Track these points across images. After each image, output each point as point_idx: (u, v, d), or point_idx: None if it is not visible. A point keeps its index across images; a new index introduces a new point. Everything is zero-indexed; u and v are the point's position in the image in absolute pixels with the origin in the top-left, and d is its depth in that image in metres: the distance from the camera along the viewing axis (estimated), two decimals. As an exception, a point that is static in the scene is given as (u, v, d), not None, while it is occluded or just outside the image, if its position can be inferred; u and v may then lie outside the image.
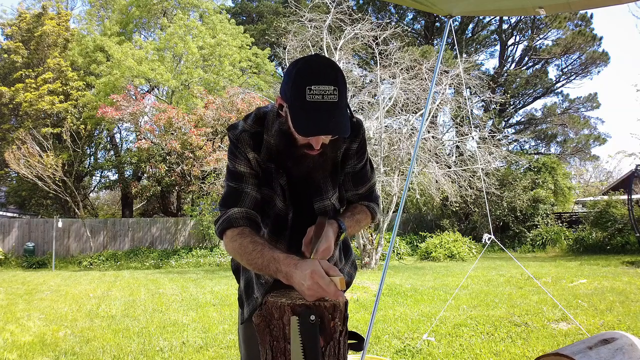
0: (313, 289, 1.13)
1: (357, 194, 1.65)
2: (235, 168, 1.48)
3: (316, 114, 1.27)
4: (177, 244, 16.54)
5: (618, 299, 5.95)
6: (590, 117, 23.86)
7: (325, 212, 1.55)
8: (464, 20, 22.71)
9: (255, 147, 1.47)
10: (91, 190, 24.44)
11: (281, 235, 1.54)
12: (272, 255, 1.26)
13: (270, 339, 1.18)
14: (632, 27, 50.85)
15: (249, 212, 1.43)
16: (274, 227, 1.53)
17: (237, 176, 1.48)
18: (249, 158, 1.47)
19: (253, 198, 1.46)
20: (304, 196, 1.53)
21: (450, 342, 4.14)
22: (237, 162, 1.48)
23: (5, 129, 19.16)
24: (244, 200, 1.45)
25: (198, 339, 4.53)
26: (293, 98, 1.30)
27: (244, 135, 1.47)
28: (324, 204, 1.54)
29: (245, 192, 1.46)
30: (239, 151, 1.47)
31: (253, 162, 1.48)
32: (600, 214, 14.80)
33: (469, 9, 3.28)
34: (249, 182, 1.47)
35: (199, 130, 15.85)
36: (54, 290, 8.53)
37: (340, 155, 1.56)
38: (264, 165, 1.49)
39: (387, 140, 12.34)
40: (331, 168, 1.53)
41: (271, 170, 1.49)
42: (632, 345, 1.76)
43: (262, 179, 1.49)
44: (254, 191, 1.47)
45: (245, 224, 1.40)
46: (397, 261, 14.36)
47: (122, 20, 21.39)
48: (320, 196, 1.54)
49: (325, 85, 1.27)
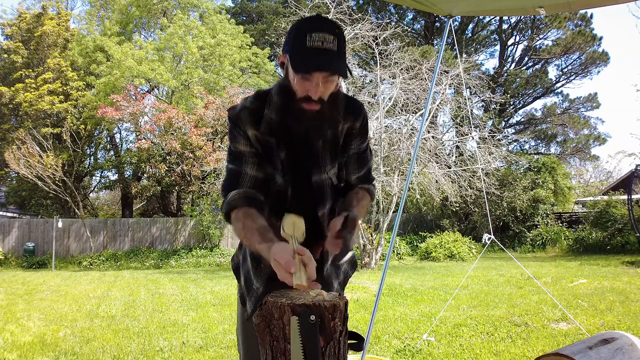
0: (276, 266, 1.19)
1: (359, 176, 1.67)
2: (235, 148, 1.50)
3: (315, 56, 1.32)
4: (177, 244, 16.54)
5: (618, 299, 5.95)
6: (590, 117, 23.88)
7: (323, 186, 1.55)
8: (464, 20, 22.71)
9: (255, 123, 1.49)
10: (91, 190, 24.44)
11: (281, 211, 1.51)
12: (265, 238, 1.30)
13: (270, 339, 1.18)
14: (632, 27, 50.85)
15: (247, 192, 1.45)
16: (274, 203, 1.52)
17: (237, 156, 1.50)
18: (248, 135, 1.49)
19: (252, 177, 1.48)
20: (302, 169, 1.53)
21: (450, 342, 4.14)
22: (237, 141, 1.50)
23: (5, 129, 19.16)
24: (242, 182, 1.47)
25: (198, 339, 4.53)
26: (294, 45, 1.35)
27: (243, 112, 1.50)
28: (322, 178, 1.55)
29: (244, 172, 1.48)
30: (238, 130, 1.49)
31: (253, 139, 1.49)
32: (600, 214, 14.80)
33: (469, 9, 3.29)
34: (249, 162, 1.49)
35: (199, 130, 15.86)
36: (54, 290, 8.53)
37: (343, 134, 1.57)
38: (263, 141, 1.50)
39: (387, 140, 12.34)
40: (330, 136, 1.54)
41: (271, 145, 1.50)
42: (632, 345, 1.76)
43: (262, 156, 1.50)
44: (253, 170, 1.48)
45: (244, 204, 1.42)
46: (397, 261, 14.36)
47: (122, 20, 21.39)
48: (319, 169, 1.54)
49: (326, 33, 1.32)
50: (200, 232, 16.18)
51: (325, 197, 1.57)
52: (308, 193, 1.53)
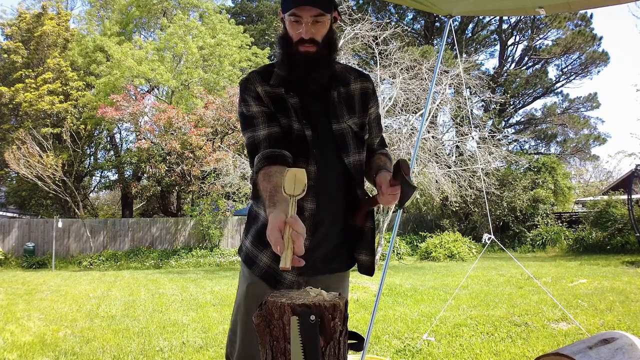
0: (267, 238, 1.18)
1: (379, 141, 1.78)
2: (248, 112, 1.55)
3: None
4: (177, 244, 16.54)
5: (618, 299, 5.95)
6: (590, 117, 23.89)
7: (344, 135, 1.59)
8: (464, 20, 22.71)
9: (265, 79, 1.57)
10: (91, 191, 24.44)
11: (307, 156, 1.54)
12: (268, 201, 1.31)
13: (270, 339, 1.18)
14: (632, 27, 50.87)
15: (265, 152, 1.48)
16: (298, 149, 1.54)
17: (249, 121, 1.54)
18: (258, 93, 1.55)
19: (267, 136, 1.51)
20: (319, 117, 1.58)
21: (450, 342, 4.14)
22: (248, 104, 1.55)
23: (5, 129, 19.16)
24: (259, 146, 1.51)
25: (198, 339, 4.53)
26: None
27: (252, 74, 1.59)
28: (341, 127, 1.59)
29: (258, 135, 1.52)
30: (248, 92, 1.56)
31: (263, 96, 1.55)
32: (600, 214, 14.80)
33: (469, 9, 3.29)
34: (261, 122, 1.53)
35: (199, 130, 15.85)
36: (54, 290, 8.53)
37: (358, 93, 1.66)
38: (273, 94, 1.56)
39: (387, 141, 12.31)
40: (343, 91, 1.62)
41: (281, 95, 1.55)
42: (632, 345, 1.76)
43: (275, 111, 1.54)
44: (267, 128, 1.52)
45: (264, 164, 1.44)
46: (397, 261, 14.36)
47: (122, 21, 21.39)
48: (337, 118, 1.59)
49: None
50: (200, 232, 16.18)
51: (349, 146, 1.59)
52: (330, 140, 1.57)
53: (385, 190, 1.49)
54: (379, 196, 1.52)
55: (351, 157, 1.59)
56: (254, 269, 1.59)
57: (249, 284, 1.61)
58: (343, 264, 1.66)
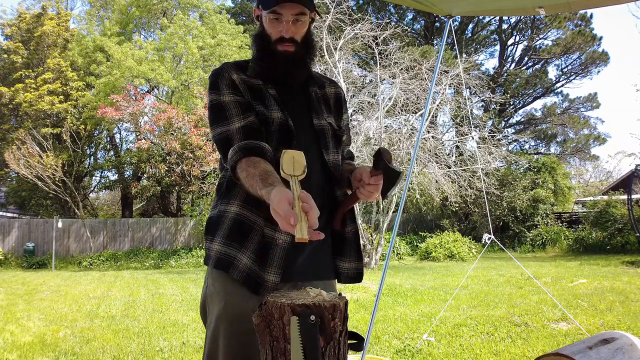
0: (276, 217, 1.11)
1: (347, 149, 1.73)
2: (218, 101, 1.46)
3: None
4: (177, 244, 16.54)
5: (618, 299, 5.95)
6: (590, 117, 23.89)
7: (324, 131, 1.55)
8: (463, 20, 22.71)
9: (240, 69, 1.52)
10: (91, 191, 24.44)
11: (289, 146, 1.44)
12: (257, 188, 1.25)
13: (270, 339, 1.18)
14: (631, 27, 50.88)
15: (240, 144, 1.39)
16: (280, 139, 1.47)
17: (221, 112, 1.45)
18: (233, 80, 1.48)
19: (240, 128, 1.43)
20: (298, 110, 1.53)
21: (450, 342, 4.14)
22: (221, 92, 1.47)
23: (5, 129, 19.15)
24: (232, 139, 1.42)
25: (198, 339, 4.53)
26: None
27: (226, 64, 1.53)
28: (321, 123, 1.55)
29: (231, 129, 1.43)
30: (222, 79, 1.48)
31: (238, 82, 1.48)
32: (600, 214, 14.80)
33: (468, 9, 3.29)
34: (235, 115, 1.44)
35: (199, 130, 15.86)
36: (53, 290, 8.53)
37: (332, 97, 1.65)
38: (249, 83, 1.50)
39: (387, 140, 12.34)
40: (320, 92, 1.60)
41: (259, 86, 1.51)
42: (632, 345, 1.76)
43: (252, 99, 1.48)
44: (242, 120, 1.44)
45: (240, 156, 1.36)
46: (397, 261, 14.36)
47: (122, 21, 21.38)
48: (317, 114, 1.55)
49: None
50: (200, 232, 16.18)
51: (329, 143, 1.54)
52: (310, 135, 1.52)
53: (367, 179, 1.40)
54: (359, 190, 1.44)
55: (330, 155, 1.54)
56: (233, 272, 1.40)
57: (226, 302, 1.41)
58: (327, 270, 1.53)
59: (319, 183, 1.48)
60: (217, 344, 1.41)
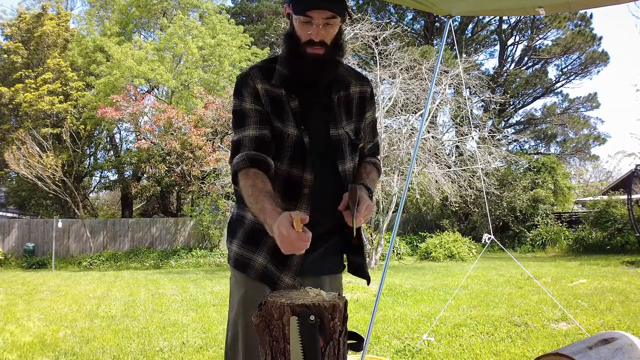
0: (280, 239, 1.21)
1: (370, 147, 1.75)
2: (240, 107, 1.52)
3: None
4: (177, 244, 16.53)
5: (618, 299, 5.95)
6: (590, 117, 23.89)
7: (340, 141, 1.56)
8: (463, 20, 22.71)
9: (266, 77, 1.53)
10: (91, 191, 24.44)
11: (303, 162, 1.51)
12: (263, 205, 1.32)
13: (270, 339, 1.18)
14: (631, 27, 50.88)
15: (249, 153, 1.45)
16: (294, 156, 1.51)
17: (241, 117, 1.51)
18: (257, 90, 1.51)
19: (254, 138, 1.47)
20: (317, 121, 1.55)
21: (450, 342, 4.13)
22: (243, 99, 1.51)
23: (5, 129, 19.15)
24: (243, 146, 1.48)
25: (198, 339, 4.53)
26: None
27: (253, 70, 1.55)
28: (339, 132, 1.56)
29: (245, 136, 1.48)
30: (246, 87, 1.52)
31: (262, 93, 1.51)
32: (600, 214, 14.80)
33: (468, 9, 3.29)
34: (252, 122, 1.49)
35: (199, 130, 15.86)
36: (53, 290, 8.53)
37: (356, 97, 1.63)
38: (273, 94, 1.51)
39: (387, 141, 12.34)
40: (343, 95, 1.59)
41: (281, 97, 1.51)
42: (632, 345, 1.76)
43: (270, 112, 1.50)
44: (256, 130, 1.48)
45: (246, 165, 1.43)
46: (397, 261, 14.35)
47: (121, 21, 21.38)
48: (335, 123, 1.56)
49: None
50: (200, 232, 16.18)
51: (345, 153, 1.57)
52: (326, 146, 1.54)
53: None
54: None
55: (346, 164, 1.57)
56: (250, 272, 1.55)
57: (246, 289, 1.56)
58: (336, 264, 1.64)
59: (332, 193, 1.52)
60: (237, 331, 1.56)
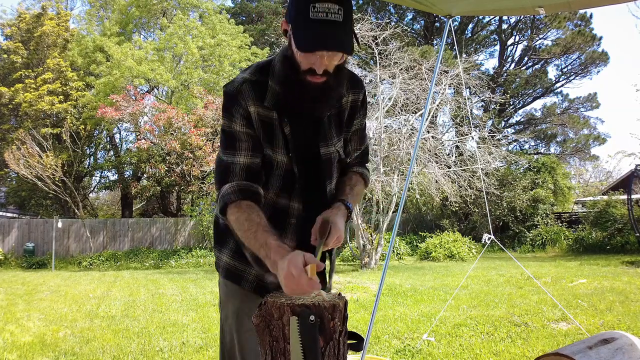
0: (288, 277, 1.14)
1: (358, 155, 1.65)
2: (230, 128, 1.40)
3: (319, 31, 1.24)
4: (176, 244, 16.53)
5: (618, 299, 5.95)
6: (589, 117, 23.90)
7: (330, 160, 1.50)
8: (463, 20, 22.71)
9: (258, 97, 1.39)
10: (91, 191, 24.44)
11: (291, 192, 1.46)
12: (265, 240, 1.25)
13: (270, 339, 1.18)
14: (631, 27, 50.91)
15: (240, 183, 1.38)
16: (282, 185, 1.45)
17: (232, 139, 1.40)
18: (249, 113, 1.39)
19: (245, 166, 1.39)
20: (309, 143, 1.46)
21: (450, 342, 4.13)
22: (234, 120, 1.39)
23: (5, 129, 19.15)
24: (234, 173, 1.39)
25: (198, 339, 4.53)
26: (296, 15, 1.27)
27: (244, 86, 1.39)
28: (329, 150, 1.49)
29: (236, 162, 1.39)
30: (237, 107, 1.39)
31: (254, 117, 1.39)
32: (600, 214, 14.80)
33: (468, 9, 3.29)
34: (242, 147, 1.40)
35: (199, 130, 15.86)
36: (53, 290, 8.52)
37: (348, 107, 1.53)
38: (265, 117, 1.40)
39: (387, 141, 12.34)
40: (335, 107, 1.49)
41: (273, 121, 1.41)
42: (632, 345, 1.76)
43: (261, 137, 1.41)
44: (247, 157, 1.40)
45: (238, 197, 1.35)
46: (396, 261, 14.36)
47: (121, 21, 21.38)
48: (326, 142, 1.48)
49: (330, 3, 1.23)
50: (200, 232, 16.18)
51: (333, 171, 1.53)
52: (316, 167, 1.48)
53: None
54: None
55: (333, 183, 1.53)
56: (244, 284, 1.51)
57: (241, 301, 1.52)
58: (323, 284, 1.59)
59: (318, 213, 1.44)
60: (233, 338, 1.54)
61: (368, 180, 1.68)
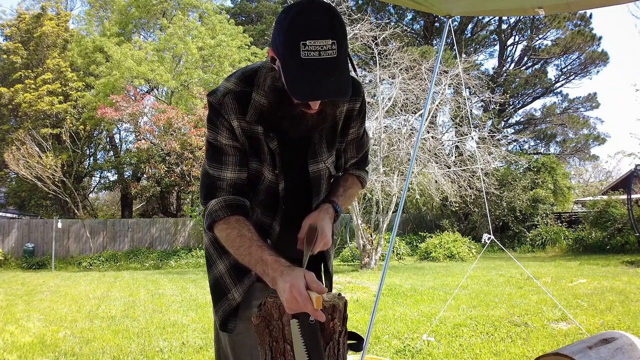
0: (291, 302, 1.08)
1: (356, 161, 1.58)
2: (216, 140, 1.34)
3: (313, 74, 1.12)
4: (176, 244, 16.53)
5: (618, 299, 5.95)
6: (589, 117, 23.94)
7: (320, 177, 1.44)
8: (463, 20, 22.73)
9: (241, 110, 1.32)
10: (91, 191, 24.43)
11: (274, 210, 1.42)
12: (261, 256, 1.20)
13: (270, 340, 1.18)
14: (631, 27, 50.94)
15: (228, 198, 1.33)
16: (265, 202, 1.41)
17: (218, 152, 1.35)
18: (232, 126, 1.32)
19: (231, 181, 1.34)
20: (297, 160, 1.40)
21: (450, 342, 4.13)
22: (218, 132, 1.33)
23: (5, 130, 19.15)
24: (220, 188, 1.34)
25: (198, 339, 4.53)
26: (286, 54, 1.14)
27: (227, 99, 1.32)
28: (319, 167, 1.42)
29: (223, 177, 1.34)
30: (221, 120, 1.32)
31: (237, 131, 1.33)
32: (599, 214, 14.80)
33: (468, 9, 3.29)
34: (229, 161, 1.34)
35: (199, 130, 15.86)
36: (53, 291, 8.52)
37: (342, 117, 1.43)
38: (249, 131, 1.34)
39: (387, 141, 12.34)
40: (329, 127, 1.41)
41: (258, 135, 1.34)
42: (632, 345, 1.76)
43: (247, 150, 1.36)
44: (234, 171, 1.35)
45: (226, 213, 1.31)
46: (396, 261, 14.35)
47: (121, 21, 21.38)
48: (315, 158, 1.41)
49: (322, 39, 1.11)
50: (200, 233, 16.17)
51: (322, 188, 1.46)
52: (304, 185, 1.42)
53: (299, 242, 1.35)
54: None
55: (320, 198, 1.47)
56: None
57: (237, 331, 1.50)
58: None
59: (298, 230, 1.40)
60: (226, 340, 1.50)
61: (365, 182, 1.62)
